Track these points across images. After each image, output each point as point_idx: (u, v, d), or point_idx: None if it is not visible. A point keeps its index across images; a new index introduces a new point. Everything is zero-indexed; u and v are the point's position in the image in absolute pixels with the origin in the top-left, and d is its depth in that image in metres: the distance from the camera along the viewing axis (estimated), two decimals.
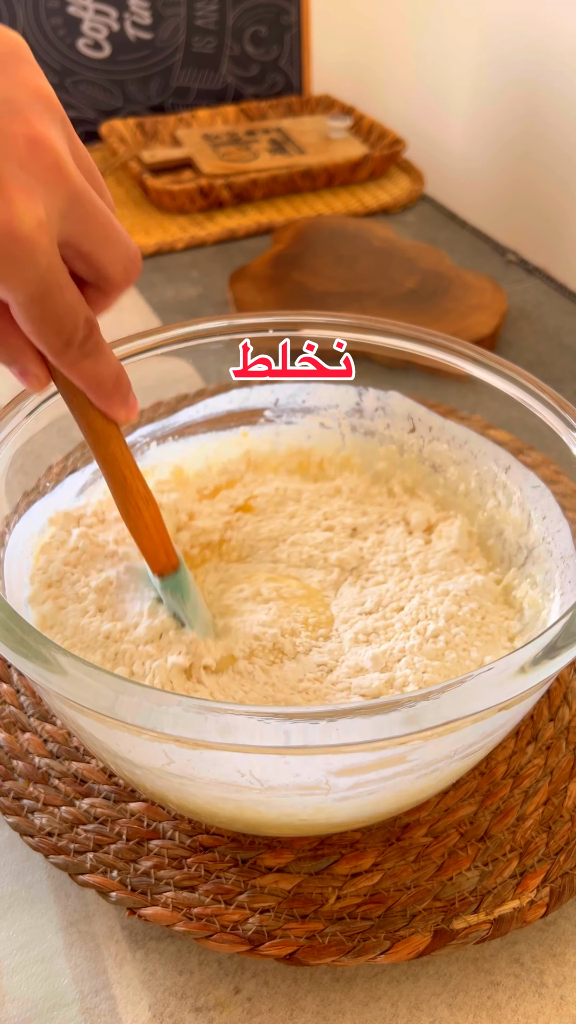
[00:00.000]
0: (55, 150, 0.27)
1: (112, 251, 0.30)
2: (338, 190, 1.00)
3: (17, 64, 0.26)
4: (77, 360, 0.31)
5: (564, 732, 0.42)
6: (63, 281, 0.28)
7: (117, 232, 0.30)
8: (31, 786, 0.40)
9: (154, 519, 0.37)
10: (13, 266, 0.26)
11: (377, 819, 0.37)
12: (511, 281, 0.83)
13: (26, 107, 0.26)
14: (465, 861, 0.37)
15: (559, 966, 0.36)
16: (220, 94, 1.12)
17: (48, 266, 0.27)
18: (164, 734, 0.28)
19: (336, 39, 1.19)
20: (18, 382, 0.33)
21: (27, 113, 0.26)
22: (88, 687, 0.29)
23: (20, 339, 0.30)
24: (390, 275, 0.80)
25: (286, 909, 0.36)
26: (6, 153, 0.25)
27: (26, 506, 0.43)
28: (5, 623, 0.31)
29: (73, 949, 0.36)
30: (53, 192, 0.27)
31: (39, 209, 0.26)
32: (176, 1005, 0.35)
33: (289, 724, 0.28)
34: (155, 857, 0.38)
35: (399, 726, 0.28)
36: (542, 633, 0.31)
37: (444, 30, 1.08)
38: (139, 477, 0.36)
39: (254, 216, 0.94)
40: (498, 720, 0.32)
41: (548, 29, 0.92)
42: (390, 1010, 0.35)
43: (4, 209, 0.25)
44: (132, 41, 1.04)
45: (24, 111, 0.26)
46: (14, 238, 0.26)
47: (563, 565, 0.40)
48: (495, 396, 0.44)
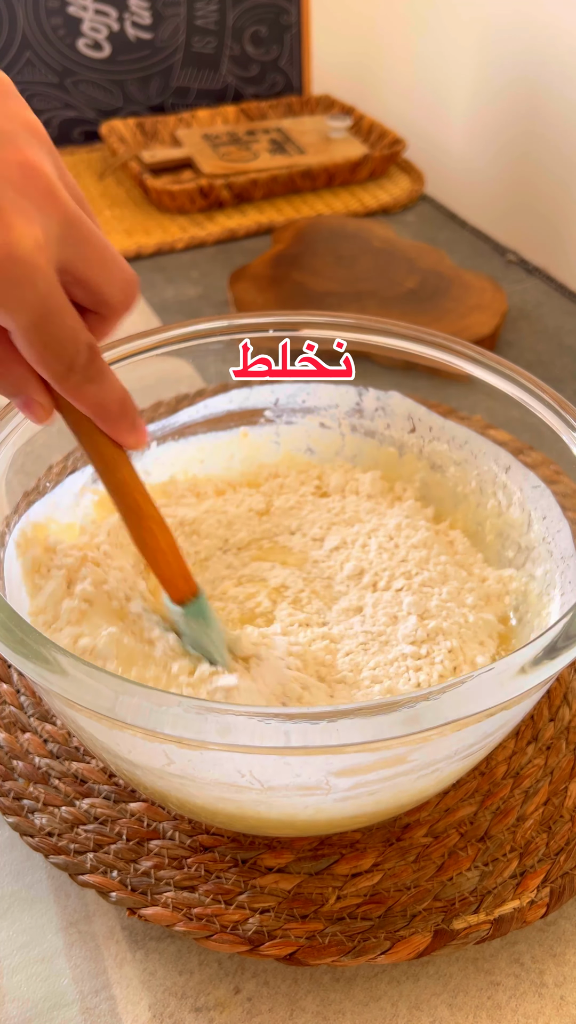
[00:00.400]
0: (47, 176, 0.27)
1: (109, 275, 0.30)
2: (338, 190, 1.00)
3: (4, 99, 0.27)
4: (80, 385, 0.30)
5: (564, 732, 0.42)
6: (63, 304, 0.28)
7: (113, 256, 0.30)
8: (31, 786, 0.40)
9: (169, 544, 0.36)
10: (14, 288, 0.26)
11: (377, 819, 0.37)
12: (511, 281, 0.83)
13: (16, 136, 0.27)
14: (465, 861, 0.37)
15: (559, 966, 0.36)
16: (220, 94, 1.12)
17: (48, 289, 0.27)
18: (164, 735, 0.28)
19: (336, 39, 1.19)
20: None
21: (18, 142, 0.27)
22: (88, 687, 0.29)
23: (23, 368, 0.30)
24: (390, 275, 0.80)
25: (286, 909, 0.36)
26: (1, 178, 0.26)
27: (26, 506, 0.43)
28: (5, 623, 0.31)
29: (73, 949, 0.36)
30: (48, 216, 0.27)
31: (37, 232, 0.26)
32: (176, 1005, 0.35)
33: (289, 724, 0.28)
34: (155, 857, 0.38)
35: (399, 726, 0.28)
36: (542, 634, 0.31)
37: (444, 30, 1.08)
38: (151, 502, 0.35)
39: (254, 216, 0.94)
40: (498, 720, 0.32)
41: (548, 29, 0.92)
42: (390, 1010, 0.35)
43: (2, 232, 0.26)
44: (132, 41, 1.04)
45: (15, 140, 0.27)
46: (14, 260, 0.26)
47: (563, 565, 0.40)
48: (495, 396, 0.44)
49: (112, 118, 1.07)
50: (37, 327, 0.28)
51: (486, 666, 0.30)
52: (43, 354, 0.29)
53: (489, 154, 1.07)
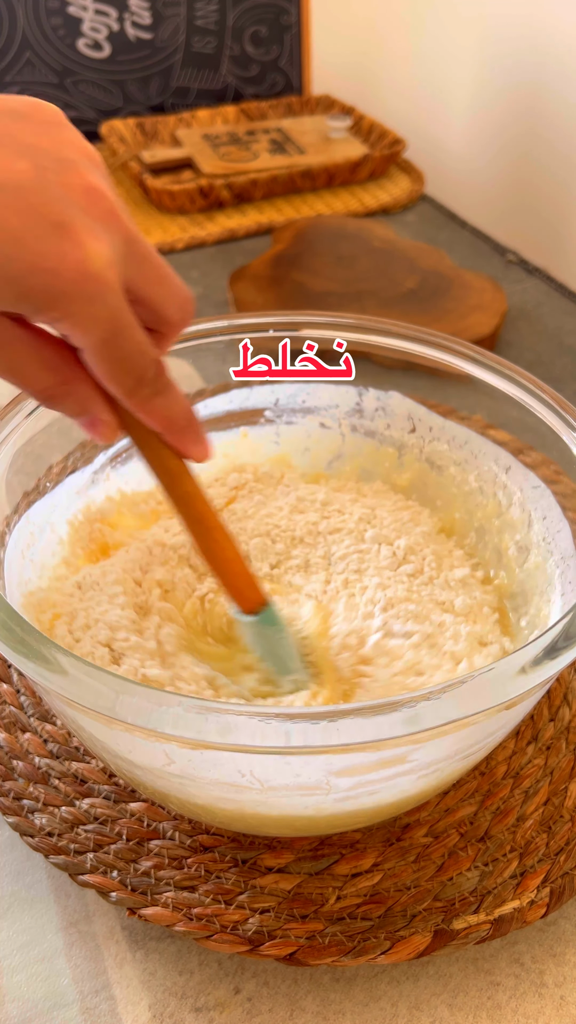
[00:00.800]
0: (109, 198, 0.28)
1: (168, 293, 0.31)
2: (338, 190, 1.00)
3: (60, 128, 0.28)
4: (149, 398, 0.31)
5: (564, 732, 0.42)
6: (131, 320, 0.29)
7: (170, 274, 0.31)
8: (31, 786, 0.40)
9: (236, 554, 0.36)
10: (87, 305, 0.27)
11: (377, 819, 0.37)
12: (511, 281, 0.83)
13: (78, 162, 0.28)
14: (465, 861, 0.37)
15: (559, 966, 0.36)
16: (220, 94, 1.12)
17: (118, 305, 0.28)
18: (165, 734, 0.28)
19: (336, 39, 1.19)
20: None
21: (80, 167, 0.28)
22: (89, 687, 0.29)
23: (88, 387, 0.31)
24: (390, 275, 0.80)
25: (286, 909, 0.36)
26: (69, 201, 0.27)
27: (26, 506, 0.43)
28: (5, 623, 0.31)
29: (73, 949, 0.36)
30: (113, 235, 0.28)
31: (106, 249, 0.27)
32: (176, 1005, 0.35)
33: (290, 724, 0.28)
34: (155, 857, 0.38)
35: (400, 726, 0.28)
36: (543, 634, 0.31)
37: (444, 30, 1.08)
38: (215, 514, 0.35)
39: (254, 216, 0.94)
40: (499, 720, 0.32)
41: (548, 29, 0.92)
42: (390, 1010, 0.35)
43: (75, 250, 0.26)
44: (132, 41, 1.04)
45: (77, 166, 0.28)
46: (87, 276, 0.27)
47: (563, 565, 0.40)
48: (495, 396, 0.44)
49: (112, 118, 1.07)
50: (108, 343, 0.28)
51: (486, 666, 0.30)
52: (114, 369, 0.29)
53: (489, 154, 1.07)
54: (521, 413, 0.43)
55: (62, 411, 0.31)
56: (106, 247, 0.27)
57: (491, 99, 1.04)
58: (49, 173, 0.27)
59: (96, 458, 0.48)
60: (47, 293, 0.26)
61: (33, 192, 0.26)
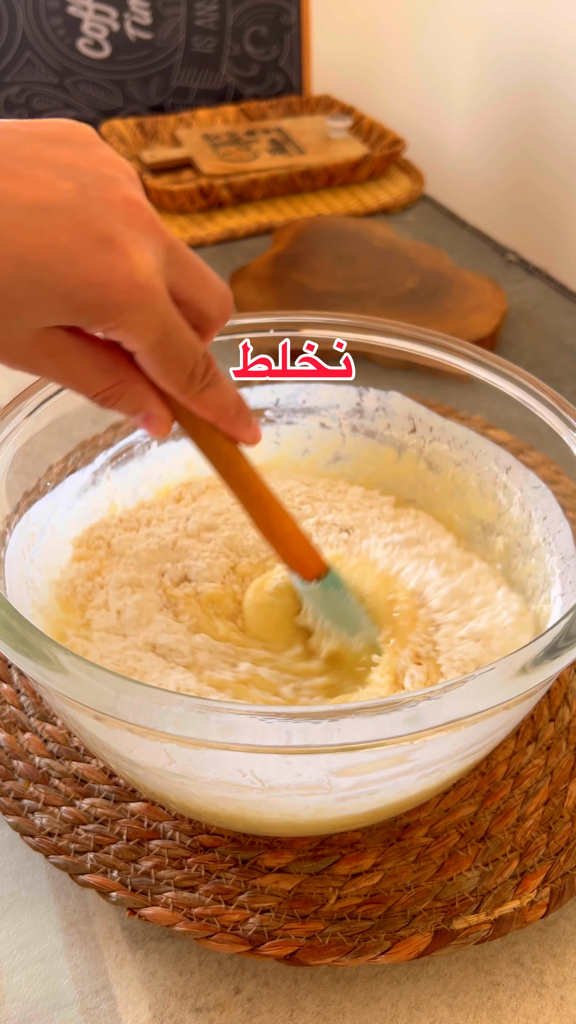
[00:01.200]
0: (148, 209, 0.30)
1: (209, 292, 0.32)
2: (338, 190, 1.00)
3: (96, 147, 0.30)
4: (201, 392, 0.33)
5: (564, 732, 0.42)
6: (180, 321, 0.31)
7: (210, 274, 0.32)
8: (31, 786, 0.40)
9: (294, 527, 0.38)
10: (138, 313, 0.29)
11: (378, 819, 0.37)
12: (511, 281, 0.83)
13: (117, 178, 0.29)
14: (465, 861, 0.37)
15: (559, 966, 0.36)
16: (220, 94, 1.12)
17: (166, 309, 0.30)
18: (166, 734, 0.28)
19: (336, 39, 1.19)
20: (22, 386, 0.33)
21: (118, 183, 0.29)
22: (89, 686, 0.29)
23: (142, 386, 0.32)
24: (390, 275, 0.80)
25: (286, 909, 0.36)
26: (112, 214, 0.28)
27: (26, 506, 0.43)
28: (6, 622, 0.31)
29: (73, 949, 0.36)
30: (156, 244, 0.29)
31: (150, 259, 0.29)
32: (176, 1005, 0.35)
33: (291, 724, 0.28)
34: (155, 857, 0.37)
35: (401, 726, 0.28)
36: (543, 634, 0.31)
37: (444, 30, 1.08)
38: (271, 492, 0.37)
39: (254, 216, 0.94)
40: (499, 720, 0.33)
41: (548, 29, 0.92)
42: (390, 1010, 0.35)
43: (123, 262, 0.28)
44: (132, 41, 1.04)
45: (116, 181, 0.29)
46: (136, 286, 0.28)
47: (563, 565, 0.40)
48: (495, 396, 0.44)
49: (112, 118, 1.07)
50: (160, 345, 0.30)
51: (487, 666, 0.30)
52: (167, 368, 0.31)
53: (489, 154, 1.07)
54: (521, 413, 0.43)
55: (119, 410, 0.33)
56: (151, 256, 0.29)
57: (491, 99, 1.04)
58: (91, 191, 0.28)
59: (96, 458, 0.48)
60: (101, 306, 0.28)
61: (79, 210, 0.27)
